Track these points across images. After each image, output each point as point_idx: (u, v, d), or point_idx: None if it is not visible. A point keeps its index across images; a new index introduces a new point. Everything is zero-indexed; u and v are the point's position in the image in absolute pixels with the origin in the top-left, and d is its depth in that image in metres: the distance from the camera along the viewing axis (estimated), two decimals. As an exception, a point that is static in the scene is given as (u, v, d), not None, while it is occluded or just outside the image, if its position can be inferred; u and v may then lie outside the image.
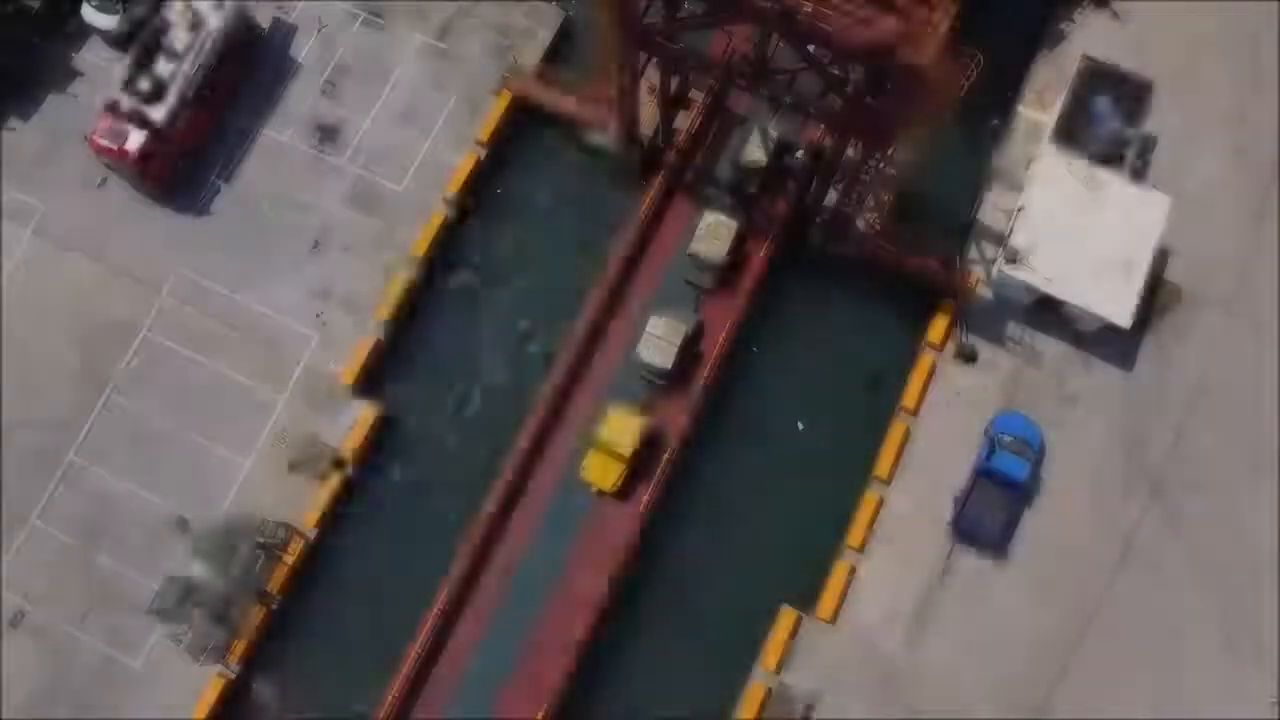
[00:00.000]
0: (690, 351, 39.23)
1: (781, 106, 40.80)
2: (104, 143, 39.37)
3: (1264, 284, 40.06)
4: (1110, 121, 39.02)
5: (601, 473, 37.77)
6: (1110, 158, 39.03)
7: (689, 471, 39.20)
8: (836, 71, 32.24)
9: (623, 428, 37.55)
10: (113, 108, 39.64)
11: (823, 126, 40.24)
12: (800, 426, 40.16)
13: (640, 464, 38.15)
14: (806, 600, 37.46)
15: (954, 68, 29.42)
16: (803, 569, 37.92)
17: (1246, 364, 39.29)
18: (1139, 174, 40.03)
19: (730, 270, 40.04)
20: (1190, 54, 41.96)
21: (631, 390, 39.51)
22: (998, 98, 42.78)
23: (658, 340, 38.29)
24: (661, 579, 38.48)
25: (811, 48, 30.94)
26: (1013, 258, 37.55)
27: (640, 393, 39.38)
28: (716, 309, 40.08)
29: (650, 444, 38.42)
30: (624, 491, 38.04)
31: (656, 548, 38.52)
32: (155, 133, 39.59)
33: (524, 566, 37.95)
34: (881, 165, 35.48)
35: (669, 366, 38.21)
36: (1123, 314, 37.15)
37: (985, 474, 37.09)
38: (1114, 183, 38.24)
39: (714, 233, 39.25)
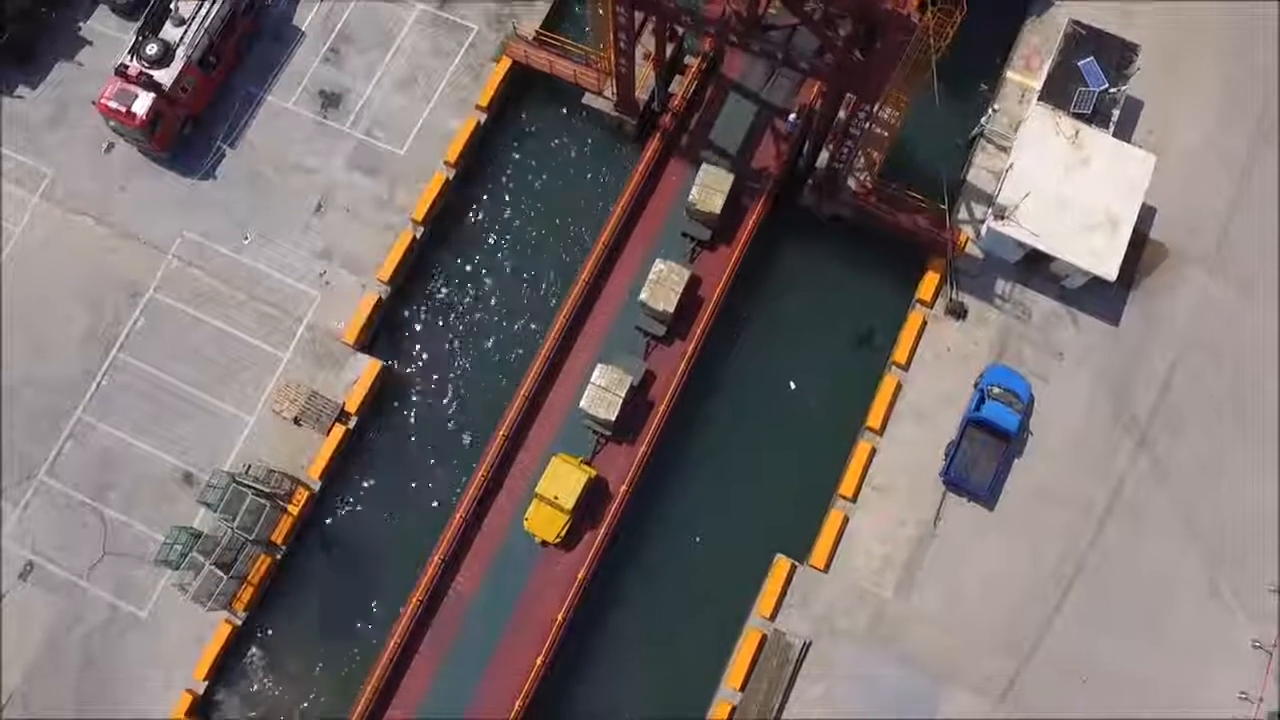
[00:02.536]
0: (638, 399, 38.54)
1: (775, 71, 42.21)
2: (112, 105, 40.20)
3: (1248, 241, 40.94)
4: (1097, 82, 39.84)
5: (544, 524, 37.22)
6: (1096, 117, 39.86)
7: (685, 424, 39.89)
8: (828, 30, 33.10)
9: (564, 480, 36.84)
10: (121, 72, 40.49)
11: (815, 90, 41.38)
12: (793, 386, 40.94)
13: (584, 514, 37.69)
14: (801, 549, 38.22)
15: (938, 18, 30.39)
16: (798, 519, 38.70)
17: (1230, 319, 40.13)
18: (1125, 133, 40.96)
19: (687, 303, 39.35)
20: (1176, 17, 42.83)
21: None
22: (987, 64, 43.93)
23: (602, 391, 37.33)
24: (660, 530, 39.25)
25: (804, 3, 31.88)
26: (1001, 214, 38.38)
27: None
28: (670, 352, 39.74)
29: (598, 487, 37.94)
30: (570, 540, 37.70)
31: (655, 500, 39.29)
32: (162, 96, 40.45)
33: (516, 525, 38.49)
34: (870, 124, 36.33)
35: (613, 418, 37.35)
36: (1109, 267, 37.99)
37: (975, 424, 37.86)
38: (1100, 141, 39.12)
39: (664, 280, 38.42)
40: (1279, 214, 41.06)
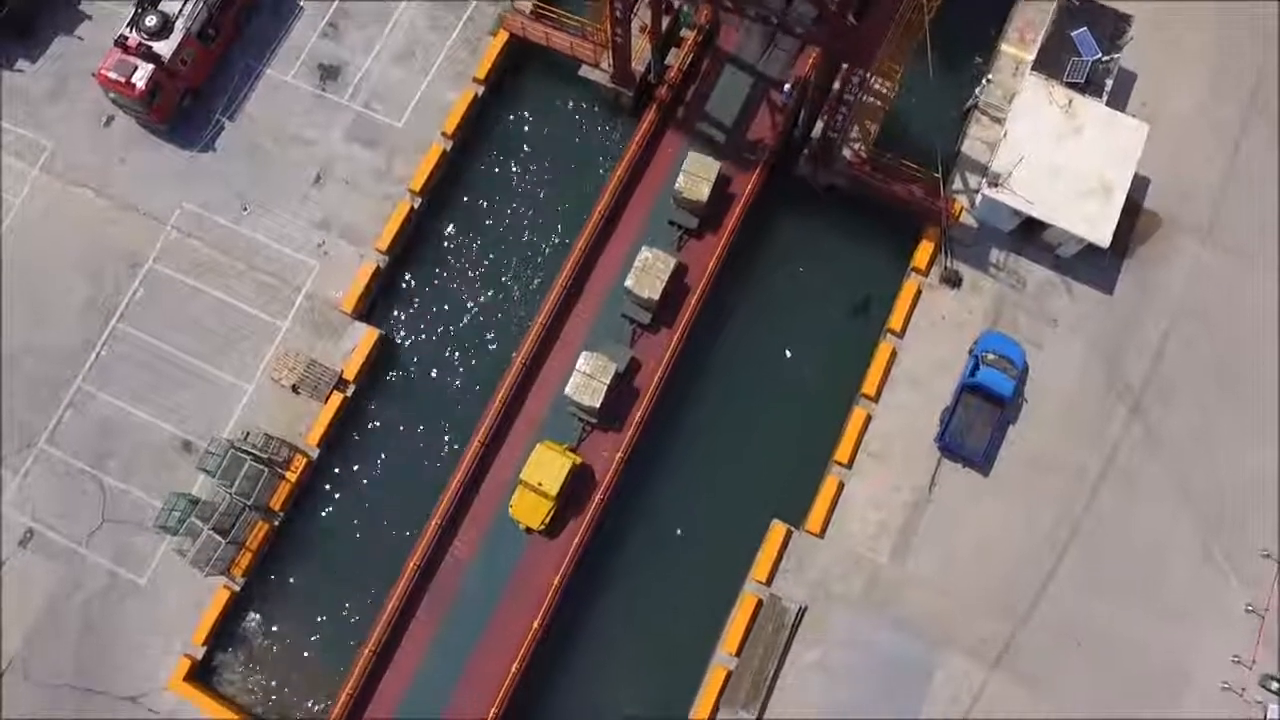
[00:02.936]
0: (626, 386, 38.60)
1: (771, 43, 42.54)
2: (111, 76, 40.48)
3: (1241, 211, 41.17)
4: (1090, 51, 40.12)
5: (528, 511, 37.14)
6: (1090, 87, 40.14)
7: (678, 401, 40.00)
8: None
9: (548, 467, 36.73)
10: (120, 43, 40.79)
11: (810, 61, 41.64)
12: (788, 354, 41.17)
13: (569, 501, 37.66)
14: (797, 515, 38.39)
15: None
16: (793, 485, 38.89)
17: (1224, 287, 40.36)
18: (1118, 105, 41.23)
19: (674, 290, 39.32)
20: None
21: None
22: (981, 37, 44.27)
23: (586, 378, 37.25)
24: (656, 499, 39.44)
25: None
26: (995, 181, 38.62)
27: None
28: (658, 339, 39.67)
29: (583, 473, 37.96)
30: (555, 527, 37.68)
31: (649, 475, 39.48)
32: (161, 68, 40.73)
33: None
34: (862, 91, 36.55)
35: (597, 405, 37.21)
36: (1102, 234, 38.22)
37: (970, 389, 38.06)
38: (1093, 110, 39.37)
39: (649, 268, 38.35)
40: (1275, 184, 41.33)
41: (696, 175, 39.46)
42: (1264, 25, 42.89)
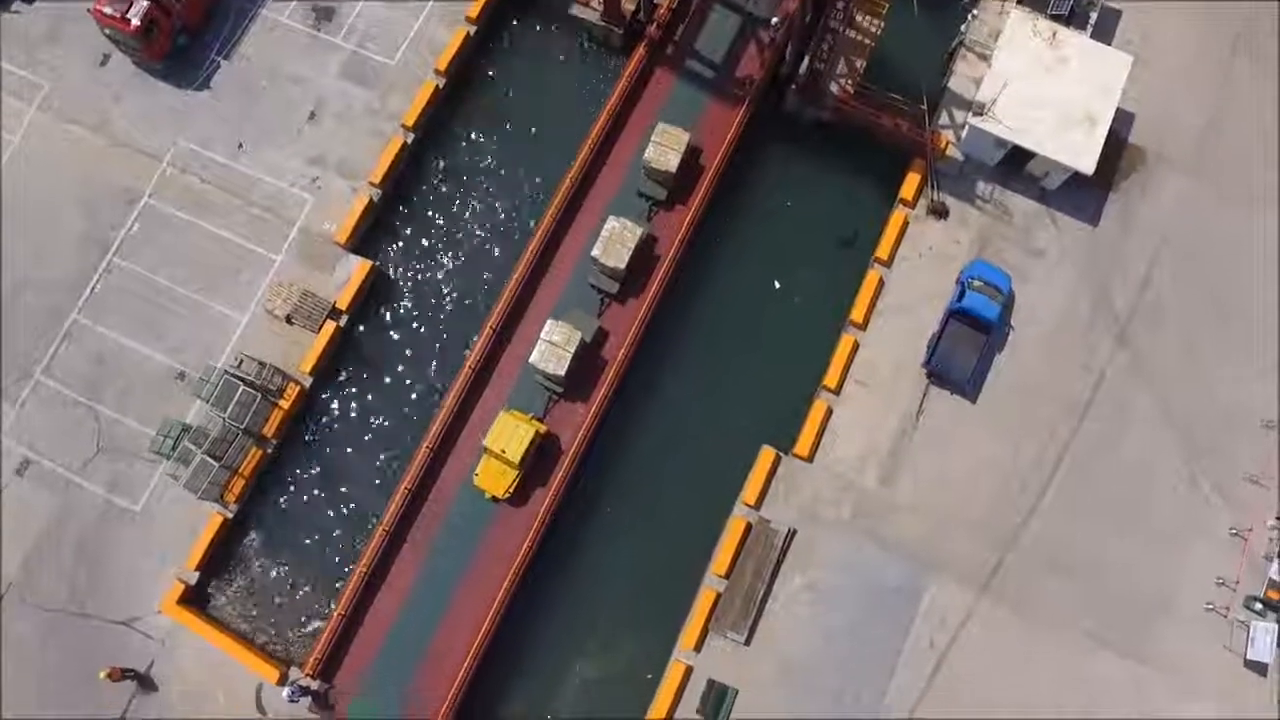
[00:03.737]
0: (591, 355, 38.75)
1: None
2: (107, 11, 40.93)
3: (1224, 145, 41.61)
4: (1074, -15, 40.66)
5: (493, 480, 37.23)
6: (1075, 19, 40.59)
7: (672, 323, 40.50)
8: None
9: (511, 435, 36.78)
10: (117, -21, 41.33)
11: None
12: (777, 285, 41.56)
13: (534, 468, 37.75)
14: (786, 441, 38.75)
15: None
16: (783, 412, 39.26)
17: (1207, 219, 40.79)
18: (1103, 39, 41.64)
19: (645, 256, 39.58)
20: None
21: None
22: (969, -22, 44.67)
23: (551, 347, 37.39)
24: (654, 421, 39.90)
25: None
26: (980, 110, 39.02)
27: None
28: (622, 314, 39.71)
29: (547, 443, 38.12)
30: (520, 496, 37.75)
31: (647, 392, 39.98)
32: (157, 4, 41.18)
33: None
34: (845, 22, 36.97)
35: (562, 373, 37.30)
36: (1086, 162, 38.60)
37: (957, 315, 38.41)
38: (1078, 41, 39.80)
39: (618, 239, 38.34)
40: (1259, 119, 41.77)
41: (665, 145, 39.38)
42: (1248, -37, 43.38)
